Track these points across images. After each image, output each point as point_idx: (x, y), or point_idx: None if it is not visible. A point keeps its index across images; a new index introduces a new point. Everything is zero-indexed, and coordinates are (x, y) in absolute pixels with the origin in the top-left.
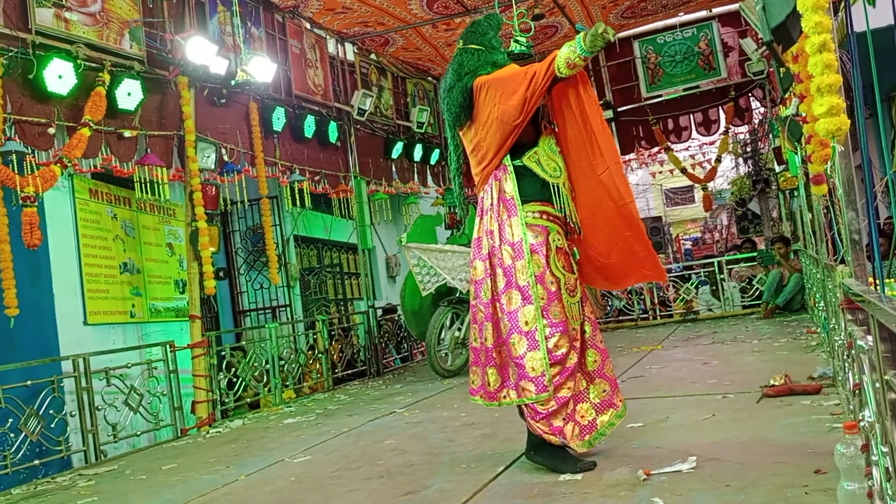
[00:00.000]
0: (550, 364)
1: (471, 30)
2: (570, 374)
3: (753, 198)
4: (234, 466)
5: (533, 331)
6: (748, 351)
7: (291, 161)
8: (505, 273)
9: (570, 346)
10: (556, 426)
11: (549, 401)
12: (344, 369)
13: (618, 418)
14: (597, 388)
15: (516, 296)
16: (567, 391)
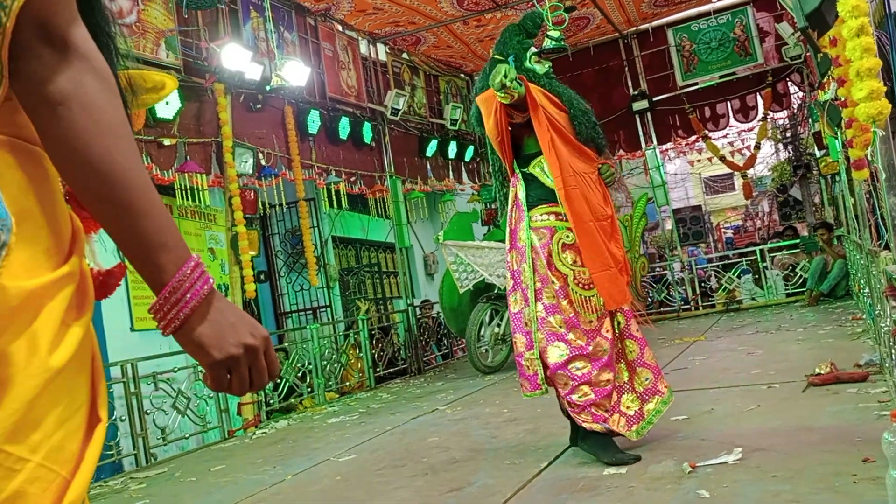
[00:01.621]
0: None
1: (499, 39)
2: (604, 365)
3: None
4: (281, 466)
5: (531, 331)
6: (793, 339)
7: (327, 163)
8: (513, 275)
9: (589, 339)
10: (597, 415)
11: (587, 393)
12: (385, 368)
13: (664, 405)
14: (639, 378)
15: (520, 297)
16: (606, 383)
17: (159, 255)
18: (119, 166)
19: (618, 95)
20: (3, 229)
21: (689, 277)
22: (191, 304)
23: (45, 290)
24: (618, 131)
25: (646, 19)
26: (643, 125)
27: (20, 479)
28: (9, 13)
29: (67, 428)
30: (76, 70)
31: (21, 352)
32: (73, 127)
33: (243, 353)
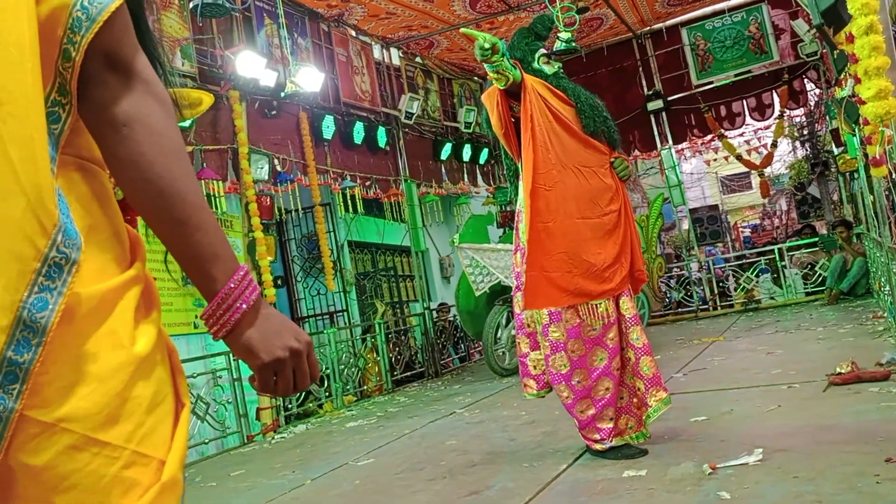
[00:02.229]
0: (572, 370)
1: (509, 44)
2: (601, 374)
3: (812, 181)
4: (301, 471)
5: (534, 332)
6: (813, 339)
7: (342, 168)
8: (518, 276)
9: (588, 349)
10: (603, 428)
11: (588, 407)
12: (402, 371)
13: (647, 418)
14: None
15: (522, 298)
16: (605, 391)
17: (212, 266)
18: (178, 183)
19: (632, 95)
20: (74, 248)
21: (706, 277)
22: (241, 310)
23: (116, 291)
24: (633, 131)
25: (659, 19)
26: (658, 125)
27: (117, 466)
28: (78, 48)
29: (157, 414)
30: (139, 95)
31: (105, 349)
32: (137, 147)
33: (288, 357)
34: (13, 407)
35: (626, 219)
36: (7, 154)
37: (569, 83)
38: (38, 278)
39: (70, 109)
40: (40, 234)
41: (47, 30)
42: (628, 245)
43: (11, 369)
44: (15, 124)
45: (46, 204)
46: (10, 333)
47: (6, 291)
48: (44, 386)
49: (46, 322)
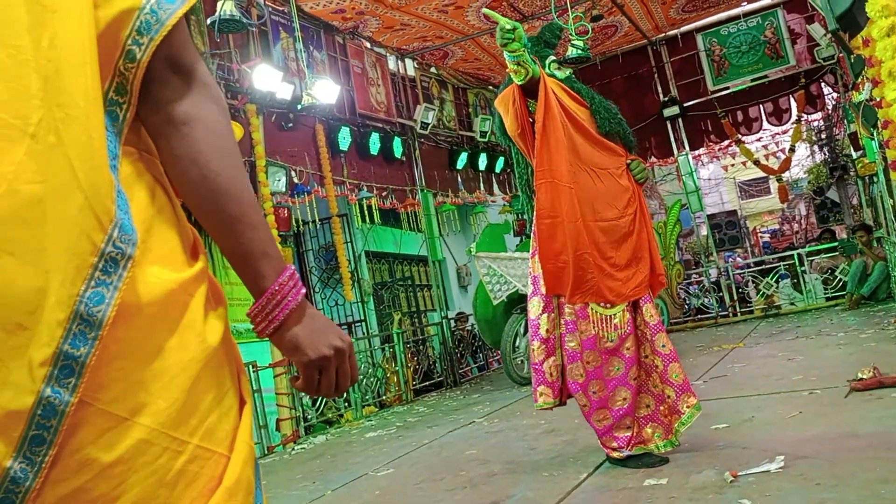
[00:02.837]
0: (588, 380)
1: None
2: (619, 384)
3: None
4: (321, 482)
5: (550, 338)
6: (834, 344)
7: (359, 179)
8: (534, 281)
9: (604, 360)
10: (621, 437)
11: (606, 417)
12: (421, 381)
13: (682, 425)
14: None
15: (538, 302)
16: (623, 402)
17: (262, 263)
18: (234, 181)
19: (648, 102)
20: (129, 243)
21: (726, 283)
22: (289, 307)
23: (186, 284)
24: (649, 138)
25: (674, 25)
26: (675, 131)
27: (183, 460)
28: (145, 50)
29: (221, 410)
30: (199, 96)
31: (176, 343)
32: (196, 145)
33: (333, 355)
34: (69, 400)
35: (642, 222)
36: (66, 154)
37: (582, 86)
38: (95, 273)
39: (128, 108)
40: (97, 230)
41: (110, 32)
42: (646, 248)
43: (68, 363)
44: (74, 125)
45: (103, 200)
46: (67, 327)
47: (63, 286)
48: (116, 380)
49: (103, 316)
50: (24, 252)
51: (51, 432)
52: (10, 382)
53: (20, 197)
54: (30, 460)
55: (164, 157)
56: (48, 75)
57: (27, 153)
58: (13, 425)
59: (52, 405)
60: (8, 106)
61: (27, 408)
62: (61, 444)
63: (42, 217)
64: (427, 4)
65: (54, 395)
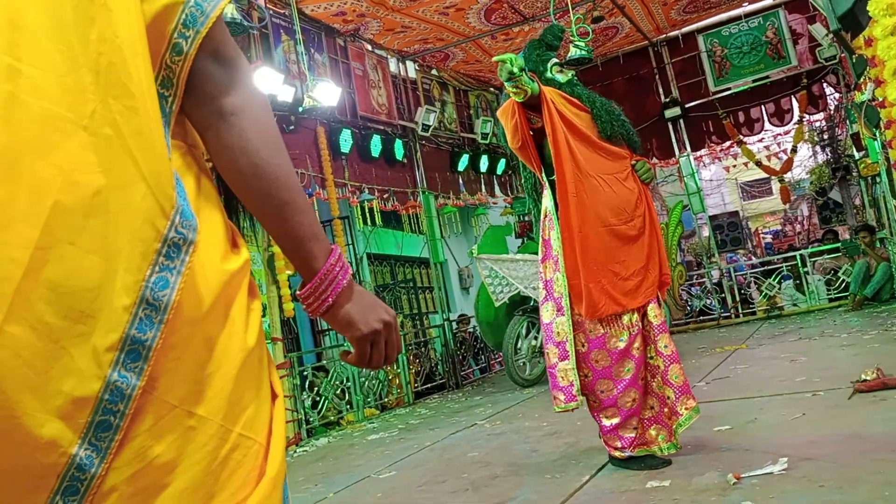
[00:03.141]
0: (596, 379)
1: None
2: (628, 385)
3: (834, 186)
4: (323, 484)
5: (564, 341)
6: (837, 345)
7: (360, 181)
8: (546, 285)
9: (614, 360)
10: (625, 437)
11: (614, 415)
12: (423, 383)
13: (679, 427)
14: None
15: (552, 307)
16: (631, 402)
17: (312, 245)
18: (283, 167)
19: (649, 103)
20: (190, 229)
21: (728, 284)
22: (341, 286)
23: (236, 275)
24: (651, 139)
25: (675, 26)
26: (676, 132)
27: (227, 448)
28: (191, 42)
29: (258, 400)
30: (244, 87)
31: (225, 333)
32: (245, 134)
33: (383, 328)
34: (136, 384)
35: (650, 222)
36: (126, 144)
37: (583, 90)
38: (159, 258)
39: (173, 101)
40: (160, 216)
41: (157, 26)
42: (655, 249)
43: (134, 347)
44: (133, 117)
45: (165, 188)
46: (133, 312)
47: (129, 272)
48: (173, 369)
49: (168, 300)
50: (86, 241)
51: (118, 417)
52: (74, 370)
53: (79, 188)
54: (95, 447)
55: (213, 147)
56: (99, 69)
57: (82, 145)
58: (78, 412)
59: (120, 389)
60: (61, 100)
61: (94, 394)
62: (126, 430)
63: (103, 207)
64: (428, 7)
65: (121, 379)
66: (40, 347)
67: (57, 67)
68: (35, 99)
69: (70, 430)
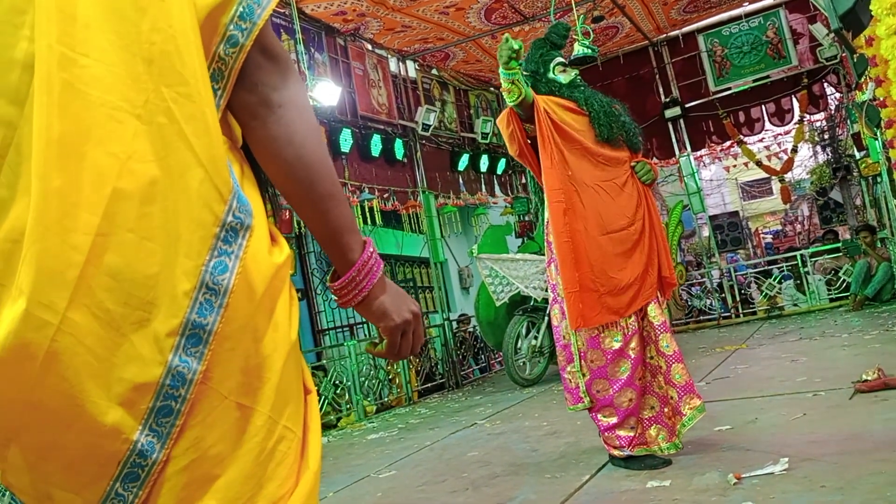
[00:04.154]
0: (593, 378)
1: (526, 57)
2: (624, 385)
3: (834, 186)
4: (323, 484)
5: (569, 344)
6: (838, 345)
7: (360, 180)
8: (552, 289)
9: (609, 360)
10: (624, 436)
11: (611, 414)
12: (423, 383)
13: (683, 427)
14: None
15: (558, 310)
16: (628, 402)
17: (350, 237)
18: (325, 160)
19: (650, 103)
20: (247, 214)
21: (728, 284)
22: (376, 277)
23: (282, 268)
24: (651, 139)
25: (675, 26)
26: (676, 132)
27: (274, 440)
28: (247, 35)
29: (297, 393)
30: (291, 81)
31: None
32: (292, 125)
33: (412, 318)
34: (197, 368)
35: (650, 224)
36: (181, 131)
37: (583, 92)
38: (218, 243)
39: (223, 94)
40: (218, 201)
41: (211, 18)
42: (655, 251)
43: (195, 331)
44: (187, 103)
45: (222, 173)
46: (194, 297)
47: (188, 258)
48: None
49: (227, 284)
50: (145, 229)
51: (179, 402)
52: (135, 356)
53: (136, 176)
54: (157, 432)
55: (258, 136)
56: (152, 58)
57: (136, 134)
58: (140, 398)
59: (181, 374)
60: (113, 89)
61: (155, 379)
62: (187, 416)
63: (161, 194)
64: (428, 6)
65: (182, 363)
66: (102, 335)
67: (110, 57)
68: (90, 88)
69: (131, 417)
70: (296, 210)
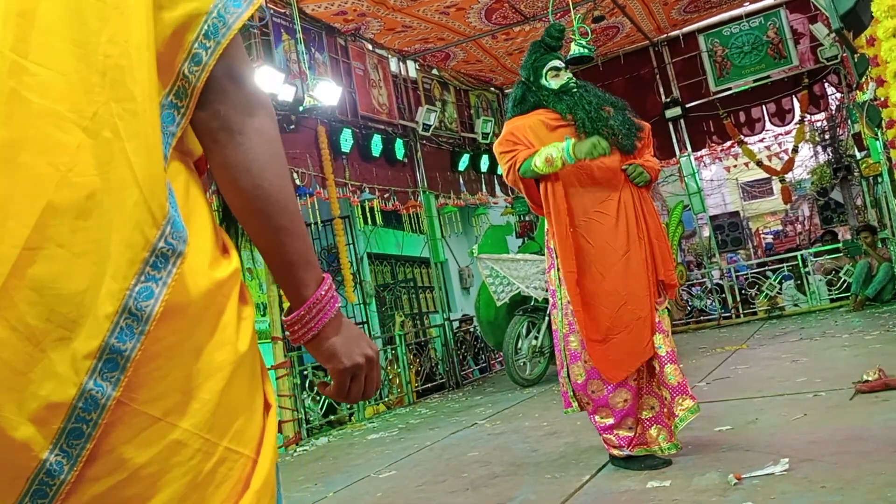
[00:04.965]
0: (588, 378)
1: (521, 64)
2: (618, 386)
3: (835, 186)
4: (323, 484)
5: (560, 350)
6: (838, 346)
7: (361, 180)
8: (552, 294)
9: None
10: (622, 436)
11: (607, 416)
12: (423, 383)
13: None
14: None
15: (556, 315)
16: (623, 403)
17: (305, 272)
18: (284, 191)
19: (650, 103)
20: (180, 240)
21: (728, 285)
22: (328, 316)
23: (225, 283)
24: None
25: (676, 26)
26: (677, 132)
27: (213, 462)
28: (211, 53)
29: (250, 411)
30: (257, 107)
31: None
32: (251, 154)
33: (365, 363)
34: (111, 394)
35: (647, 227)
36: (124, 149)
37: (572, 97)
38: (146, 268)
39: (185, 111)
40: (151, 225)
41: (176, 34)
42: (655, 255)
43: (113, 356)
44: (133, 120)
45: (158, 196)
46: (115, 321)
47: (114, 279)
48: (157, 380)
49: (151, 311)
50: (76, 244)
51: (90, 426)
52: (52, 374)
53: (74, 189)
54: (66, 453)
55: (217, 161)
56: (106, 70)
57: (80, 146)
58: (53, 417)
59: (94, 398)
60: (65, 98)
61: (69, 400)
62: (98, 439)
63: (97, 210)
64: (428, 6)
65: (97, 388)
66: (20, 348)
67: (66, 66)
68: (37, 97)
69: (42, 436)
70: (251, 239)
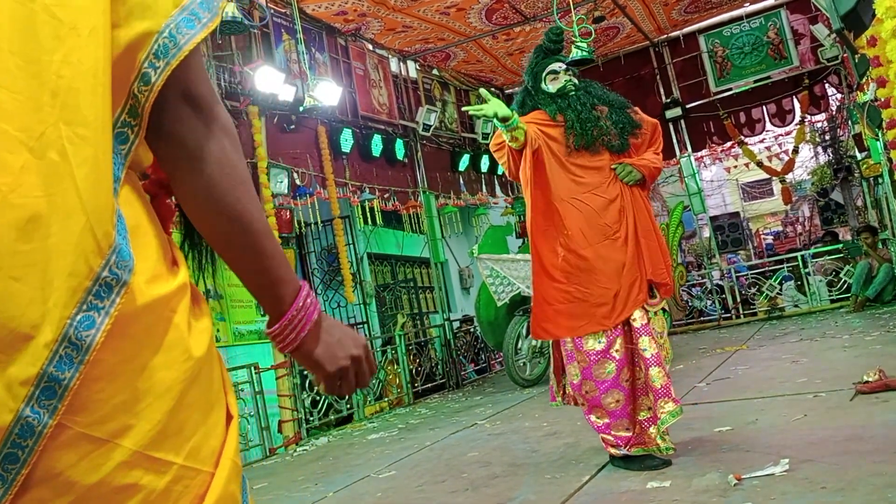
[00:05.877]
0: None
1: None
2: (610, 387)
3: (835, 187)
4: (322, 484)
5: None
6: (839, 346)
7: (361, 180)
8: None
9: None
10: (619, 436)
11: (602, 416)
12: (423, 383)
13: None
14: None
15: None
16: (615, 404)
17: (279, 289)
18: (249, 214)
19: (650, 104)
20: (125, 270)
21: (728, 285)
22: (306, 328)
23: (171, 298)
24: None
25: (676, 26)
26: (677, 133)
27: (166, 480)
28: (160, 73)
29: (206, 427)
30: (212, 128)
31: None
32: (210, 179)
33: (350, 364)
34: (47, 422)
35: (636, 229)
36: (71, 173)
37: (565, 100)
38: (88, 297)
39: (139, 131)
40: (95, 254)
41: (128, 53)
42: (643, 253)
43: (50, 385)
44: (83, 146)
45: (105, 225)
46: (54, 349)
47: (56, 307)
48: (100, 402)
49: (91, 341)
50: (16, 268)
51: (25, 452)
52: None
53: (17, 211)
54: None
55: (178, 189)
56: (57, 91)
57: (25, 167)
58: None
59: (30, 425)
60: (13, 118)
61: (5, 426)
62: (35, 465)
63: (41, 234)
64: (429, 6)
65: (33, 415)
66: None
67: (17, 84)
68: None
69: None
70: (224, 261)
